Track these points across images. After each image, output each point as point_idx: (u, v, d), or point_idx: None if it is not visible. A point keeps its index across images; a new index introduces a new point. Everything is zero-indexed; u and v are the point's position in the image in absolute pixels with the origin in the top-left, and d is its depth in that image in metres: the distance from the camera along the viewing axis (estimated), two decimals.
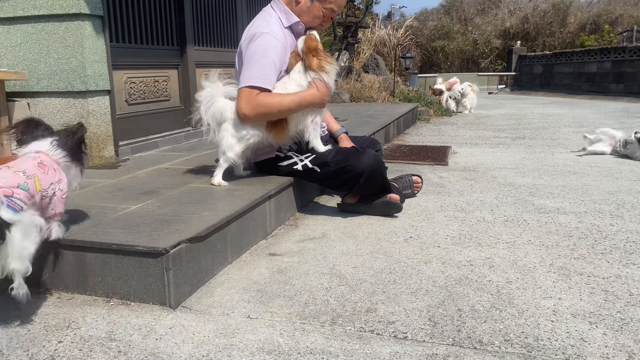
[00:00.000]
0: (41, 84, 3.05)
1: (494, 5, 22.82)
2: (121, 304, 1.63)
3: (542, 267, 1.90)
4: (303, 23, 2.43)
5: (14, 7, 2.99)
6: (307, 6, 2.39)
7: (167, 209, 1.99)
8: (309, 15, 2.41)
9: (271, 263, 1.97)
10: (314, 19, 2.43)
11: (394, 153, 4.44)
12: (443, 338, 1.41)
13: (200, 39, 4.37)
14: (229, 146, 2.31)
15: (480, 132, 6.07)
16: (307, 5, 2.39)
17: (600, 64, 13.35)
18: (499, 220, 2.49)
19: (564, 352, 1.34)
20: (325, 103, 2.43)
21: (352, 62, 10.18)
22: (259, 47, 2.28)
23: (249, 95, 2.25)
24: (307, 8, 2.39)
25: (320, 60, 2.32)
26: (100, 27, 3.06)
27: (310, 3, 2.38)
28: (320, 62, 2.32)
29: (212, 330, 1.47)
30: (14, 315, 1.56)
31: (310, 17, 2.42)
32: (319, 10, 2.40)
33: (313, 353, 1.34)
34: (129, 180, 2.58)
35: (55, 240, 1.63)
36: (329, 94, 2.39)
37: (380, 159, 2.54)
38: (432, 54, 22.41)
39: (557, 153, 4.46)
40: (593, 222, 2.44)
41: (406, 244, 2.16)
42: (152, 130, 3.75)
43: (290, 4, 2.41)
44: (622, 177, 3.44)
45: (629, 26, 17.58)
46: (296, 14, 2.40)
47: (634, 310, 1.56)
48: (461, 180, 3.40)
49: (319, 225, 2.44)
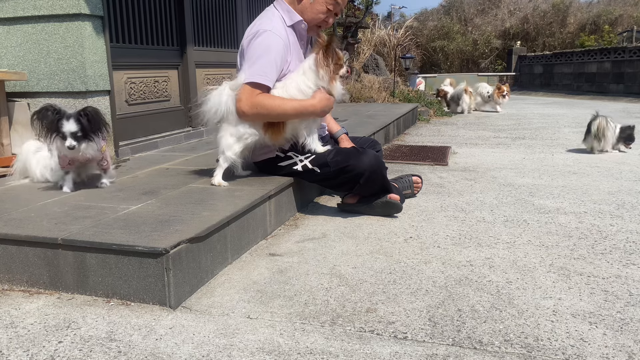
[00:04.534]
0: (41, 84, 3.05)
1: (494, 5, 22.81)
2: (121, 304, 1.63)
3: (542, 267, 1.90)
4: (306, 21, 2.42)
5: (14, 7, 2.99)
6: (309, 2, 2.38)
7: (167, 209, 1.99)
8: (312, 11, 2.39)
9: (271, 263, 1.97)
10: (317, 15, 2.40)
11: (394, 153, 4.44)
12: (443, 338, 1.41)
13: (200, 39, 4.37)
14: (228, 146, 2.31)
15: (480, 132, 6.07)
16: (309, 1, 2.38)
17: (600, 64, 13.35)
18: (499, 220, 2.49)
19: (564, 352, 1.34)
20: (326, 114, 2.43)
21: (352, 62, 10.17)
22: (261, 44, 2.28)
23: (249, 93, 2.25)
24: (309, 4, 2.38)
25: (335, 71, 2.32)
26: (101, 27, 3.06)
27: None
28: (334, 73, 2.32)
29: (212, 330, 1.47)
30: (14, 315, 1.56)
31: (313, 14, 2.40)
32: (322, 4, 2.38)
33: (313, 353, 1.34)
34: (129, 180, 2.58)
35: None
36: (331, 106, 2.39)
37: (381, 159, 2.54)
38: (432, 54, 22.40)
39: (557, 153, 4.46)
40: (593, 223, 2.44)
41: (406, 244, 2.16)
42: (152, 131, 3.75)
43: (292, 3, 2.40)
44: (622, 177, 3.44)
45: (628, 26, 17.58)
46: (299, 12, 2.40)
47: (634, 310, 1.56)
48: (461, 180, 3.40)
49: (319, 225, 2.44)
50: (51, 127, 2.11)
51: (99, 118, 2.18)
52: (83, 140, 2.15)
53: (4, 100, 2.92)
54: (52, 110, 2.12)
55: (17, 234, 1.73)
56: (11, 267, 1.76)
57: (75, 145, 2.12)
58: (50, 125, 2.11)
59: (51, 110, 2.12)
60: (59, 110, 2.13)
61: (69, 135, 2.11)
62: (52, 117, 2.11)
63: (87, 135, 2.16)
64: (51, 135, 2.13)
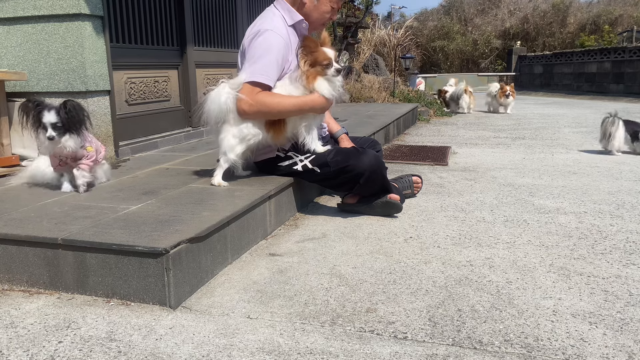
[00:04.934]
0: (41, 84, 3.05)
1: (494, 5, 22.81)
2: (121, 304, 1.63)
3: (542, 267, 1.90)
4: (312, 21, 2.45)
5: (14, 7, 2.99)
6: (313, 4, 2.41)
7: (167, 209, 1.99)
8: (318, 12, 2.44)
9: (271, 263, 1.97)
10: (323, 15, 2.46)
11: (394, 153, 4.44)
12: (443, 338, 1.41)
13: (200, 40, 4.37)
14: (230, 147, 2.31)
15: (480, 132, 6.07)
16: (313, 3, 2.40)
17: (600, 64, 13.35)
18: (499, 220, 2.49)
19: (564, 352, 1.34)
20: (326, 109, 2.44)
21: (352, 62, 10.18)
22: (263, 43, 2.29)
23: (250, 91, 2.25)
24: (314, 6, 2.42)
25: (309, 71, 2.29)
26: (101, 27, 3.06)
27: (317, 1, 2.40)
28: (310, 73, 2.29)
29: (212, 330, 1.47)
30: (14, 315, 1.56)
31: (319, 14, 2.45)
32: (327, 4, 2.43)
33: (313, 353, 1.34)
34: (129, 180, 2.58)
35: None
36: (329, 102, 2.39)
37: (381, 159, 2.54)
38: (432, 54, 22.40)
39: (557, 153, 4.46)
40: (593, 223, 2.44)
41: (406, 244, 2.16)
42: (152, 131, 3.75)
43: (295, 4, 2.41)
44: (622, 177, 3.44)
45: (628, 26, 17.58)
46: (304, 14, 2.42)
47: (634, 310, 1.56)
48: (461, 180, 3.40)
49: (319, 225, 2.44)
50: (34, 119, 2.16)
51: (79, 110, 2.21)
52: (64, 132, 2.17)
53: (4, 100, 2.92)
54: (33, 102, 2.17)
55: (17, 234, 1.73)
56: (11, 267, 1.76)
57: (55, 136, 2.15)
58: (33, 118, 2.16)
59: (32, 102, 2.17)
60: (40, 103, 2.18)
61: (49, 125, 2.14)
62: (33, 108, 2.15)
63: (68, 127, 2.18)
64: (36, 129, 2.17)
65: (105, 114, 3.15)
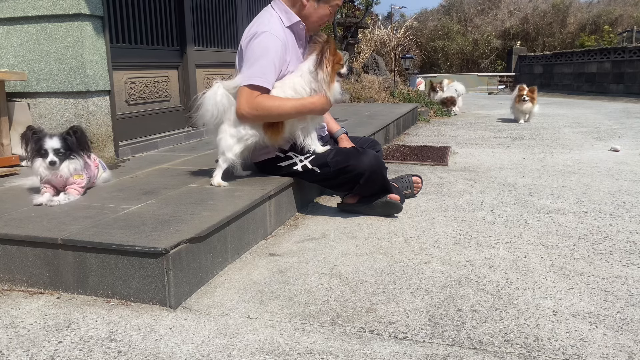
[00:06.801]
0: (41, 85, 3.05)
1: (493, 5, 22.82)
2: (121, 304, 1.63)
3: (542, 268, 1.90)
4: (310, 23, 2.45)
5: (14, 7, 2.99)
6: (313, 8, 2.41)
7: (167, 209, 1.99)
8: (317, 16, 2.44)
9: (271, 263, 1.97)
10: (322, 18, 2.46)
11: (394, 153, 4.44)
12: (443, 338, 1.41)
13: (200, 40, 4.37)
14: (228, 147, 2.31)
15: (480, 132, 6.07)
16: (313, 7, 2.40)
17: (600, 64, 13.35)
18: (499, 220, 2.49)
19: (564, 352, 1.34)
20: (326, 112, 2.44)
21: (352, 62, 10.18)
22: (260, 45, 2.28)
23: (249, 95, 2.25)
24: (314, 10, 2.41)
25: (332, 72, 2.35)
26: (101, 27, 3.07)
27: (317, 5, 2.40)
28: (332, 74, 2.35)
29: (212, 330, 1.47)
30: (14, 315, 1.56)
31: (319, 18, 2.45)
32: (326, 9, 2.43)
33: (313, 353, 1.34)
34: (129, 180, 2.58)
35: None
36: (330, 104, 2.40)
37: (381, 159, 2.54)
38: (432, 54, 22.41)
39: (557, 153, 4.46)
40: (593, 223, 2.44)
41: (406, 244, 2.16)
42: (152, 131, 3.75)
43: (293, 6, 2.41)
44: (622, 178, 3.44)
45: (628, 26, 17.59)
46: (303, 16, 2.42)
47: (634, 310, 1.56)
48: (461, 180, 3.40)
49: (319, 225, 2.44)
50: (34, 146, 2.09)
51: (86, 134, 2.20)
52: (64, 159, 2.12)
53: (4, 100, 2.92)
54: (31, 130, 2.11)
55: (17, 234, 1.73)
56: (11, 267, 1.76)
57: (57, 161, 2.09)
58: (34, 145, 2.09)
59: (31, 130, 2.11)
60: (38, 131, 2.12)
61: (51, 151, 2.08)
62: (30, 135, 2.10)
63: (75, 151, 2.14)
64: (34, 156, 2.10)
65: (105, 114, 3.15)
